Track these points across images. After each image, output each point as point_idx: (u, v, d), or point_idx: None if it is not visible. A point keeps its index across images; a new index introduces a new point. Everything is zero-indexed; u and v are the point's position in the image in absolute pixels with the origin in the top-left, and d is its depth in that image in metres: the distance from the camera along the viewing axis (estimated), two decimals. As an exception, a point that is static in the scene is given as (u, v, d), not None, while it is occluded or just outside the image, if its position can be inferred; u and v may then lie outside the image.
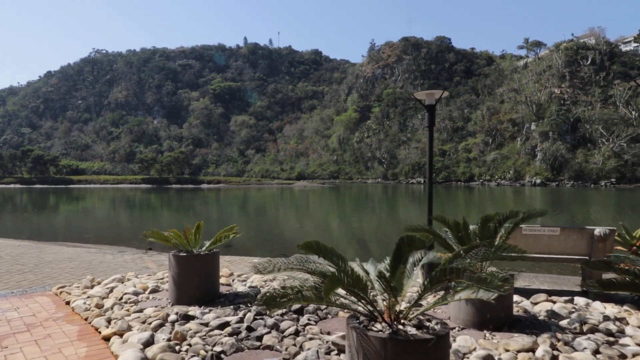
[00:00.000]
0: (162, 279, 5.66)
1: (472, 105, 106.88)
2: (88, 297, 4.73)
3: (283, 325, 3.75)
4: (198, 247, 4.70)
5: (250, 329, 3.72)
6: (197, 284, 4.46)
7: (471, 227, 4.21)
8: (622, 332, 3.65)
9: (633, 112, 77.80)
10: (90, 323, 3.99)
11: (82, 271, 6.80)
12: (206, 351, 3.25)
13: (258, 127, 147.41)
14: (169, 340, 3.47)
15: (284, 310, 4.03)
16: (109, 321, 3.94)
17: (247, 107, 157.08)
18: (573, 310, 4.21)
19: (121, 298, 4.67)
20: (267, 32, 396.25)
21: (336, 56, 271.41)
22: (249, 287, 5.20)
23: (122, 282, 5.44)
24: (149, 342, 3.41)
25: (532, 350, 3.26)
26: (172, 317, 3.96)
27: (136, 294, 4.81)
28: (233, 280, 5.55)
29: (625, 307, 4.25)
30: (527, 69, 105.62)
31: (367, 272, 2.67)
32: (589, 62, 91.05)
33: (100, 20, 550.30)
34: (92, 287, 5.26)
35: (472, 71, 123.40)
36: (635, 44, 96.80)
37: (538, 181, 76.28)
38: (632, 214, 27.11)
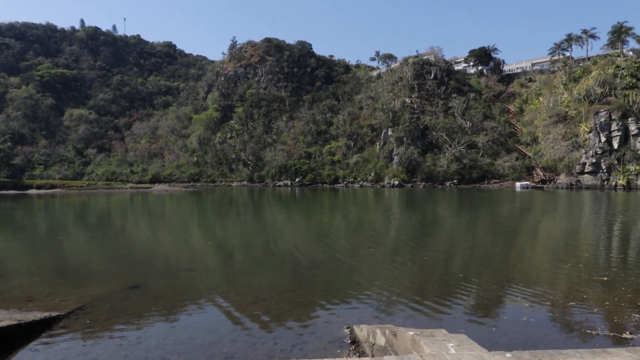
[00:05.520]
0: None
1: (334, 110, 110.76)
2: None
3: None
4: None
5: None
6: None
7: None
8: None
9: (467, 122, 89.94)
10: None
11: None
12: None
13: (100, 123, 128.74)
14: None
15: None
16: None
17: (87, 100, 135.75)
18: None
19: None
20: (110, 17, 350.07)
21: (192, 51, 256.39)
22: None
23: None
24: None
25: None
26: None
27: None
28: None
29: None
30: (381, 79, 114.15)
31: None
32: (432, 77, 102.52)
33: None
34: None
35: (331, 77, 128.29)
36: (465, 64, 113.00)
37: (396, 182, 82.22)
38: (470, 209, 32.59)
